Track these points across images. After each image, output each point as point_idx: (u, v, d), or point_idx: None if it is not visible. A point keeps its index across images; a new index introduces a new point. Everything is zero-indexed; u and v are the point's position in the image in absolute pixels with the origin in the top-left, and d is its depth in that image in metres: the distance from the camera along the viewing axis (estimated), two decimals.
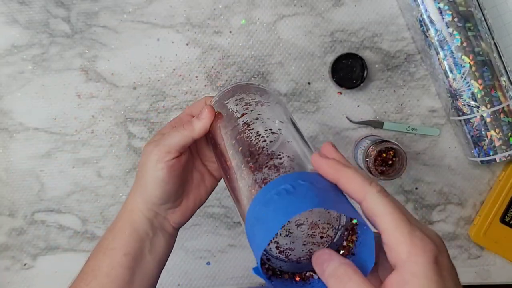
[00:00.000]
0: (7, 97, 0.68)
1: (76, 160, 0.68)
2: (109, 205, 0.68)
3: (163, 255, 0.48)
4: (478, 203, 0.68)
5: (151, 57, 0.67)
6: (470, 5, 0.59)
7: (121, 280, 0.44)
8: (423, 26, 0.61)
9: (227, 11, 0.67)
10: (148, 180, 0.45)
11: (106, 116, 0.68)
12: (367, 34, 0.66)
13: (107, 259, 0.45)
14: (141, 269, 0.46)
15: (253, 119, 0.41)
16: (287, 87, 0.67)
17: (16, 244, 0.69)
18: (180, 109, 0.68)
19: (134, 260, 0.45)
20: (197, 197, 0.49)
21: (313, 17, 0.67)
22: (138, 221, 0.46)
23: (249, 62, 0.67)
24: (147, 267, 0.46)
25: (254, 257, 0.30)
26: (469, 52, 0.59)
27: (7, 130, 0.68)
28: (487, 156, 0.61)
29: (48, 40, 0.67)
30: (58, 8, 0.67)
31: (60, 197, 0.68)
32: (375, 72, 0.67)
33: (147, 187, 0.45)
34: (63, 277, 0.69)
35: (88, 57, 0.67)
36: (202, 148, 0.50)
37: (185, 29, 0.67)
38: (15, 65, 0.67)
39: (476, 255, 0.68)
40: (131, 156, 0.68)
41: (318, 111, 0.67)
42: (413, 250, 0.28)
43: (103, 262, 0.45)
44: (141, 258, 0.46)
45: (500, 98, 0.59)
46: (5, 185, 0.68)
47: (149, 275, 0.46)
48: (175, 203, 0.47)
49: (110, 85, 0.68)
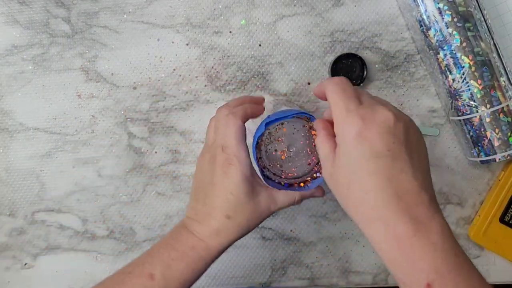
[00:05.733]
0: (7, 97, 0.68)
1: (76, 160, 0.68)
2: (109, 205, 0.69)
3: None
4: (477, 203, 0.68)
5: (151, 57, 0.67)
6: (470, 5, 0.59)
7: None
8: (423, 26, 0.61)
9: (227, 11, 0.67)
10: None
11: (106, 116, 0.68)
12: (366, 34, 0.67)
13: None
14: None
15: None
16: (287, 87, 0.67)
17: (16, 243, 0.69)
18: (180, 109, 0.68)
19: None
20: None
21: (313, 17, 0.67)
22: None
23: (249, 62, 0.67)
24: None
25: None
26: (468, 52, 0.59)
27: (7, 130, 0.68)
28: (486, 156, 0.61)
29: (49, 40, 0.67)
30: (59, 8, 0.67)
31: (60, 197, 0.69)
32: (375, 72, 0.67)
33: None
34: (63, 277, 0.69)
35: (88, 57, 0.67)
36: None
37: (185, 29, 0.67)
38: (15, 65, 0.68)
39: (476, 255, 0.68)
40: (131, 156, 0.68)
41: (318, 111, 0.67)
42: (342, 125, 0.42)
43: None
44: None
45: (500, 98, 0.59)
46: (5, 185, 0.69)
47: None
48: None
49: (110, 85, 0.68)
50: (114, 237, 0.69)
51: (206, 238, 0.49)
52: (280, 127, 0.52)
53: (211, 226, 0.49)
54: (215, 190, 0.49)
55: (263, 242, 0.68)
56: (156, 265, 0.49)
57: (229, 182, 0.49)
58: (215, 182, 0.49)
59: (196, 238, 0.50)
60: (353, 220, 0.42)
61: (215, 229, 0.49)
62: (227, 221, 0.49)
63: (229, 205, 0.49)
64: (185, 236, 0.50)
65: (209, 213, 0.50)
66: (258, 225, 0.51)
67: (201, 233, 0.50)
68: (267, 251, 0.68)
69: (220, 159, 0.49)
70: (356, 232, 0.68)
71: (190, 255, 0.49)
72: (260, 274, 0.68)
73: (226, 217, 0.49)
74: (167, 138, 0.68)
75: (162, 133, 0.68)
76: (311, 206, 0.68)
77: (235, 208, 0.49)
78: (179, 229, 0.52)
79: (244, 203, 0.49)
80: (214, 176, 0.50)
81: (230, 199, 0.49)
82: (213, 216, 0.49)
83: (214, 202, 0.49)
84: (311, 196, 0.54)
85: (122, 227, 0.69)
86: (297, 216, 0.68)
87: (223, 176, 0.49)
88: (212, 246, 0.49)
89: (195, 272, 0.49)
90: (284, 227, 0.68)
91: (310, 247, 0.68)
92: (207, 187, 0.50)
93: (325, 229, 0.68)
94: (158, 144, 0.68)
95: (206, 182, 0.51)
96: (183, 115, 0.68)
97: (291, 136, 0.52)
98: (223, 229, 0.49)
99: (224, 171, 0.49)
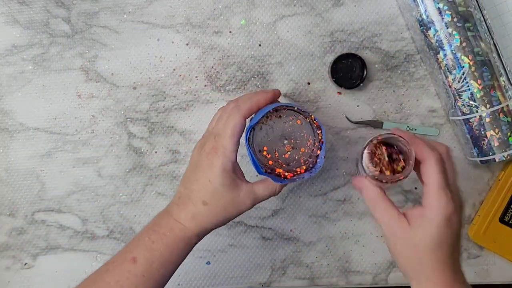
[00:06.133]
0: (7, 97, 0.68)
1: (76, 160, 0.68)
2: (109, 205, 0.69)
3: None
4: (477, 203, 0.68)
5: (151, 57, 0.67)
6: (470, 5, 0.59)
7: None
8: (423, 26, 0.61)
9: (227, 11, 0.67)
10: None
11: (106, 116, 0.68)
12: (366, 34, 0.67)
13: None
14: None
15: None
16: (287, 87, 0.67)
17: (16, 243, 0.69)
18: (180, 109, 0.68)
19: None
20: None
21: (312, 17, 0.67)
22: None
23: (249, 62, 0.67)
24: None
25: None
26: (468, 52, 0.59)
27: (7, 130, 0.68)
28: (486, 156, 0.61)
29: (49, 40, 0.67)
30: (59, 8, 0.67)
31: (60, 197, 0.69)
32: (375, 72, 0.67)
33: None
34: (63, 277, 0.69)
35: (88, 57, 0.67)
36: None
37: (185, 29, 0.67)
38: (15, 65, 0.68)
39: (476, 255, 0.68)
40: (131, 156, 0.68)
41: (318, 111, 0.67)
42: (439, 203, 0.46)
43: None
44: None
45: (500, 98, 0.59)
46: (6, 185, 0.69)
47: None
48: None
49: (110, 85, 0.68)
50: (114, 237, 0.69)
51: (183, 220, 0.51)
52: (271, 118, 0.55)
53: (188, 210, 0.51)
54: (196, 174, 0.51)
55: (263, 242, 0.68)
56: (138, 249, 0.51)
57: (209, 169, 0.50)
58: (198, 166, 0.52)
59: (175, 220, 0.52)
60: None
61: (191, 213, 0.51)
62: (203, 207, 0.51)
63: (206, 191, 0.51)
64: (165, 219, 0.52)
65: (188, 196, 0.52)
66: (237, 216, 0.53)
67: (179, 216, 0.52)
68: (267, 251, 0.68)
69: (209, 146, 0.51)
70: (356, 232, 0.68)
71: (169, 236, 0.51)
72: (260, 274, 0.68)
73: (203, 203, 0.51)
74: (167, 138, 0.68)
75: (162, 133, 0.68)
76: (311, 206, 0.68)
77: (212, 196, 0.51)
78: (161, 214, 0.54)
79: (221, 193, 0.50)
80: (199, 160, 0.52)
81: (208, 186, 0.50)
82: (191, 199, 0.51)
83: (193, 186, 0.51)
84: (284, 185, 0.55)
85: (122, 227, 0.69)
86: (297, 216, 0.68)
87: (207, 163, 0.51)
88: (188, 229, 0.51)
89: (175, 253, 0.51)
90: (284, 227, 0.68)
91: (310, 247, 0.68)
92: (191, 171, 0.53)
93: (325, 229, 0.68)
94: (158, 144, 0.68)
95: (192, 166, 0.53)
96: (183, 115, 0.68)
97: (284, 127, 0.55)
98: (198, 214, 0.51)
99: (208, 158, 0.51)
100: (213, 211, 0.51)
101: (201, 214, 0.51)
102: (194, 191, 0.51)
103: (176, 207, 0.52)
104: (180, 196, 0.53)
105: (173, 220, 0.52)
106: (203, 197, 0.51)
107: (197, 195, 0.51)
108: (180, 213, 0.52)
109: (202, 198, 0.51)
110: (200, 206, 0.51)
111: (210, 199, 0.51)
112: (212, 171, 0.50)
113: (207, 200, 0.51)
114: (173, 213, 0.52)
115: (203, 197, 0.51)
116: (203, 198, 0.51)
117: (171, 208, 0.53)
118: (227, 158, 0.50)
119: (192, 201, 0.51)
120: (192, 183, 0.52)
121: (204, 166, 0.51)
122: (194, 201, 0.51)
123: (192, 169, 0.53)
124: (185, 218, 0.51)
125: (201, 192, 0.51)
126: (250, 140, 0.53)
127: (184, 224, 0.51)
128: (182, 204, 0.52)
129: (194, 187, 0.51)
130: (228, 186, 0.50)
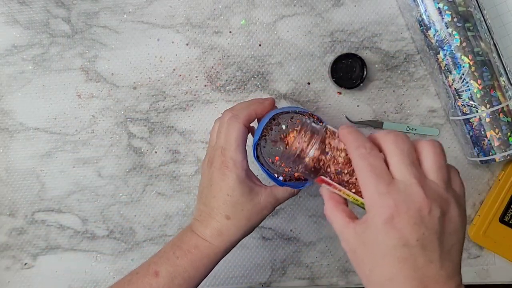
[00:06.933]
0: (7, 97, 0.68)
1: (76, 160, 0.68)
2: (109, 205, 0.69)
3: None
4: (477, 203, 0.68)
5: (151, 57, 0.67)
6: (470, 5, 0.59)
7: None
8: (423, 26, 0.61)
9: (227, 11, 0.67)
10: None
11: (106, 116, 0.68)
12: (366, 34, 0.67)
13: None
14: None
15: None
16: (287, 87, 0.67)
17: (16, 243, 0.69)
18: (180, 109, 0.68)
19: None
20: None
21: (312, 17, 0.67)
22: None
23: (249, 62, 0.67)
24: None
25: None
26: (468, 52, 0.59)
27: (7, 130, 0.68)
28: (486, 156, 0.61)
29: (49, 40, 0.67)
30: (59, 8, 0.67)
31: (60, 197, 0.69)
32: (375, 72, 0.67)
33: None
34: (63, 277, 0.69)
35: (88, 57, 0.67)
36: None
37: (185, 29, 0.67)
38: (15, 65, 0.68)
39: (476, 255, 0.68)
40: (131, 156, 0.68)
41: (318, 111, 0.67)
42: (372, 207, 0.38)
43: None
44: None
45: (500, 98, 0.59)
46: (6, 185, 0.69)
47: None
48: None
49: (110, 85, 0.68)
50: (114, 237, 0.69)
51: (209, 238, 0.50)
52: (271, 127, 0.52)
53: (212, 226, 0.50)
54: (212, 191, 0.51)
55: (263, 242, 0.68)
56: (161, 263, 0.50)
57: (225, 184, 0.50)
58: (213, 183, 0.51)
59: (200, 238, 0.51)
60: None
61: (216, 230, 0.50)
62: (228, 221, 0.50)
63: (227, 206, 0.50)
64: (189, 236, 0.51)
65: (209, 214, 0.51)
66: (261, 222, 0.52)
67: (204, 234, 0.51)
68: (267, 251, 0.68)
69: (218, 161, 0.50)
70: None
71: (194, 253, 0.50)
72: (260, 274, 0.68)
73: (226, 217, 0.50)
74: (167, 138, 0.68)
75: (162, 133, 0.68)
76: (311, 206, 0.68)
77: (234, 209, 0.50)
78: (185, 231, 0.53)
79: (242, 204, 0.50)
80: (212, 177, 0.51)
81: (228, 200, 0.50)
82: (213, 217, 0.51)
83: (212, 203, 0.51)
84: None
85: (122, 227, 0.69)
86: (297, 216, 0.68)
87: (220, 178, 0.50)
88: (215, 246, 0.50)
89: (200, 269, 0.50)
90: (284, 227, 0.68)
91: (310, 247, 0.68)
92: (206, 188, 0.52)
93: (325, 229, 0.68)
94: (158, 144, 0.68)
95: (206, 183, 0.52)
96: (183, 115, 0.68)
97: (286, 131, 0.53)
98: (224, 230, 0.50)
99: (221, 173, 0.50)
100: (238, 223, 0.50)
101: (227, 229, 0.50)
102: (215, 208, 0.50)
103: (199, 224, 0.51)
104: (201, 214, 0.52)
105: (198, 237, 0.51)
106: (225, 211, 0.50)
107: (218, 211, 0.50)
108: (205, 230, 0.51)
109: (224, 213, 0.50)
110: (224, 221, 0.50)
111: (233, 212, 0.50)
112: (228, 185, 0.50)
113: (230, 214, 0.50)
114: (196, 230, 0.51)
115: (225, 211, 0.50)
116: (226, 212, 0.50)
117: (193, 225, 0.52)
118: (239, 169, 0.50)
119: (215, 217, 0.50)
120: (211, 200, 0.51)
121: (218, 181, 0.50)
122: (217, 217, 0.50)
123: (207, 185, 0.52)
124: (211, 235, 0.50)
125: (221, 208, 0.50)
126: (260, 157, 0.51)
127: (211, 241, 0.50)
128: (205, 221, 0.51)
129: (214, 204, 0.50)
130: (248, 195, 0.50)
